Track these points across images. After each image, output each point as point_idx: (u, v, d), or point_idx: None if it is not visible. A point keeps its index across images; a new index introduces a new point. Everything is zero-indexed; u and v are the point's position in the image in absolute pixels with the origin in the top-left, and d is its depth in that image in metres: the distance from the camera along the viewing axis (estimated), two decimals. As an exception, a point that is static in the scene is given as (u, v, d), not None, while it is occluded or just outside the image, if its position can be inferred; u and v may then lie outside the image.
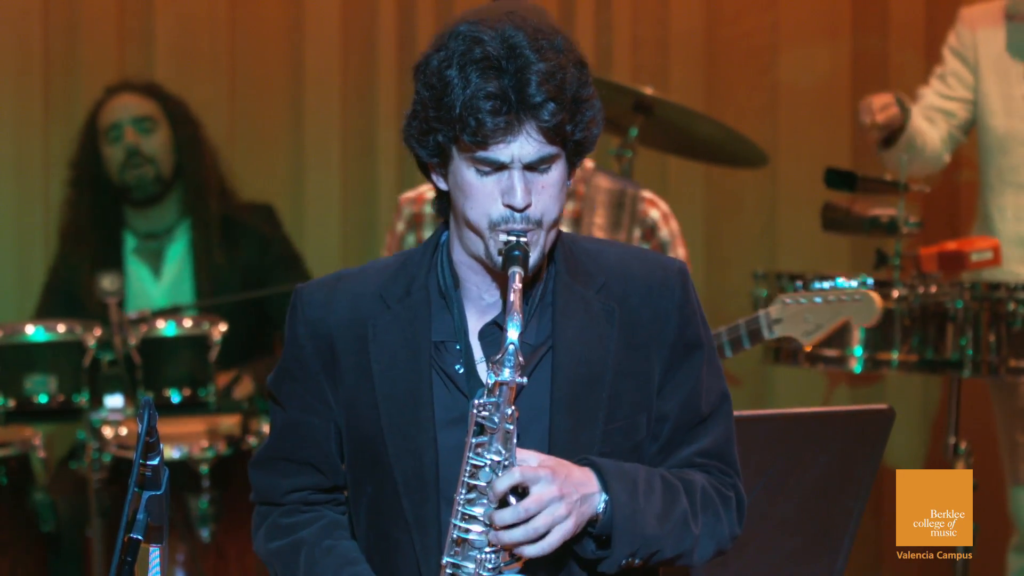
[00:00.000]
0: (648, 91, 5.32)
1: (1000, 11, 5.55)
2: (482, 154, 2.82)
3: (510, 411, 2.79)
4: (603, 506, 2.83)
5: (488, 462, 2.79)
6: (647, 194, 4.58)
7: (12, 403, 5.35)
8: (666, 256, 3.09)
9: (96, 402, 5.34)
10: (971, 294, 4.94)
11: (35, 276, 6.38)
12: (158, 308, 5.62)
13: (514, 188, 2.83)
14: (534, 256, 2.85)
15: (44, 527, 5.39)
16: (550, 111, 2.80)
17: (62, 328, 5.38)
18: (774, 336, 4.41)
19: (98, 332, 5.37)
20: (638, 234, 4.55)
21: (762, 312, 4.40)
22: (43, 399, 5.35)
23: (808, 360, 5.03)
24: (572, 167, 2.90)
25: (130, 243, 6.03)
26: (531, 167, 2.84)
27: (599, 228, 4.48)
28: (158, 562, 2.71)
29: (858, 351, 4.96)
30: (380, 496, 2.95)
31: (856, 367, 5.01)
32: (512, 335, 2.76)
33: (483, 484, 2.79)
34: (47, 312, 5.92)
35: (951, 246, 5.09)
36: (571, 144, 2.86)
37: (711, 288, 6.49)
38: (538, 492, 2.77)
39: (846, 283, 4.72)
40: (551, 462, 2.82)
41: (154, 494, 2.68)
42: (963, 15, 5.61)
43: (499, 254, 2.84)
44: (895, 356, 4.97)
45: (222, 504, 5.35)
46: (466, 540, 2.81)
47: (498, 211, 2.84)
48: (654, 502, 2.86)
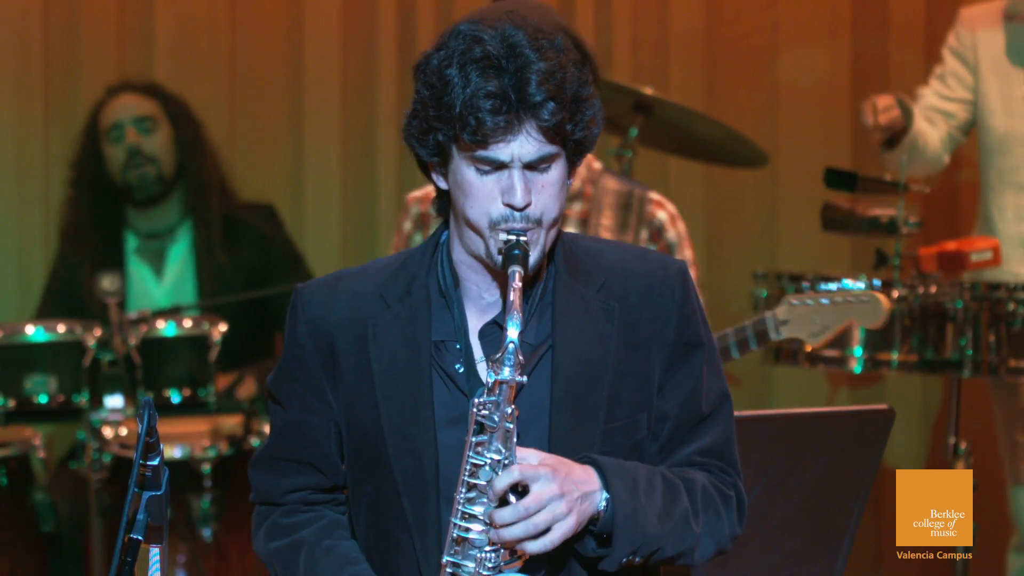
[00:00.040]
0: (648, 91, 5.32)
1: (1000, 11, 5.55)
2: (482, 153, 2.82)
3: (510, 410, 2.78)
4: (604, 504, 2.83)
5: (488, 461, 2.79)
6: (655, 195, 4.57)
7: (12, 403, 5.35)
8: (666, 255, 3.09)
9: (96, 402, 5.34)
10: (971, 294, 4.94)
11: (35, 276, 6.38)
12: (159, 308, 5.61)
13: (514, 187, 2.83)
14: (534, 255, 2.85)
15: (44, 527, 5.39)
16: (550, 110, 2.80)
17: (62, 328, 5.37)
18: (781, 337, 4.40)
19: (98, 332, 5.37)
20: (645, 235, 4.54)
21: (769, 314, 4.39)
22: (43, 399, 5.34)
23: (808, 360, 5.03)
24: (572, 166, 2.90)
25: (131, 243, 6.03)
26: (531, 166, 2.84)
27: (606, 229, 4.48)
28: (158, 562, 2.71)
29: (858, 351, 4.96)
30: (380, 496, 2.95)
31: (856, 367, 5.01)
32: (512, 334, 2.76)
33: (483, 483, 2.79)
34: (48, 312, 5.91)
35: (951, 246, 5.08)
36: (571, 143, 2.86)
37: (711, 288, 6.48)
38: (538, 490, 2.77)
39: (853, 284, 4.72)
40: (551, 460, 2.82)
41: (154, 494, 2.68)
42: (963, 15, 5.60)
43: (499, 253, 2.84)
44: (895, 356, 4.97)
45: (224, 504, 5.34)
46: (466, 539, 2.81)
47: (498, 210, 2.84)
48: (655, 500, 2.86)
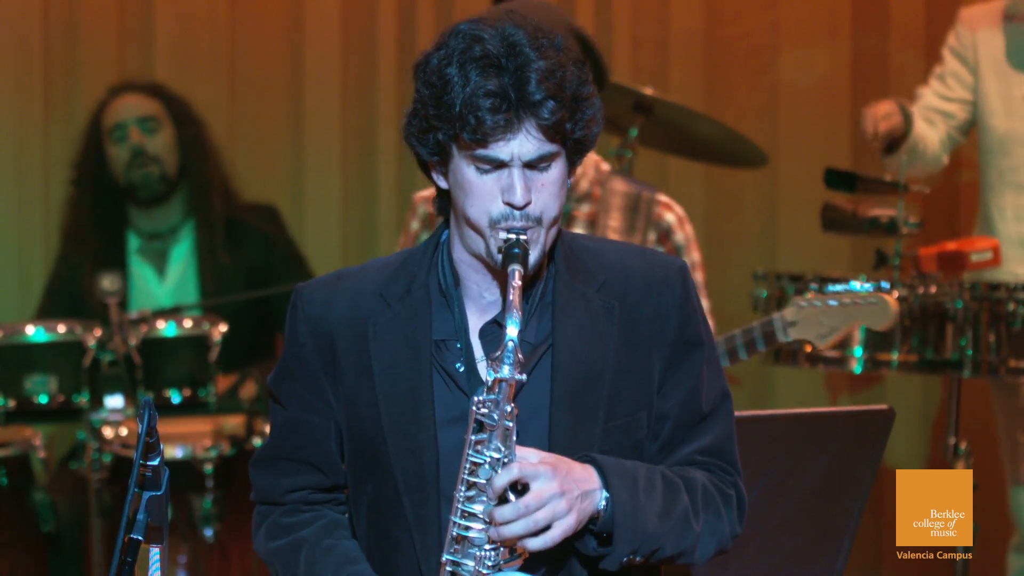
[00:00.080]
0: (648, 91, 5.31)
1: (1000, 12, 5.55)
2: (482, 152, 2.82)
3: (509, 408, 2.78)
4: (604, 503, 2.83)
5: (487, 459, 2.79)
6: (663, 198, 4.56)
7: (12, 403, 5.35)
8: (666, 254, 3.08)
9: (96, 402, 5.34)
10: (971, 294, 4.94)
11: (35, 276, 6.38)
12: (159, 308, 5.61)
13: (514, 186, 2.83)
14: (534, 254, 2.85)
15: (44, 527, 5.39)
16: (550, 109, 2.80)
17: (62, 328, 5.37)
18: (789, 339, 4.39)
19: (98, 332, 5.36)
20: (653, 237, 4.54)
21: (777, 315, 4.39)
22: (43, 399, 5.34)
23: (808, 360, 5.02)
24: (572, 165, 2.90)
25: (134, 243, 6.03)
26: (531, 165, 2.84)
27: (614, 231, 4.48)
28: (158, 562, 2.71)
29: (858, 351, 4.96)
30: (380, 495, 2.95)
31: (856, 367, 5.00)
32: (511, 332, 2.76)
33: (482, 481, 2.79)
34: (48, 312, 5.91)
35: (951, 246, 5.08)
36: (571, 142, 2.86)
37: (711, 288, 6.48)
38: (539, 487, 2.77)
39: (862, 286, 4.72)
40: (551, 459, 2.82)
41: (154, 494, 2.68)
42: (963, 15, 5.60)
43: (499, 252, 2.83)
44: (895, 356, 4.97)
45: (226, 504, 5.34)
46: (466, 538, 2.81)
47: (498, 209, 2.84)
48: (655, 499, 2.86)
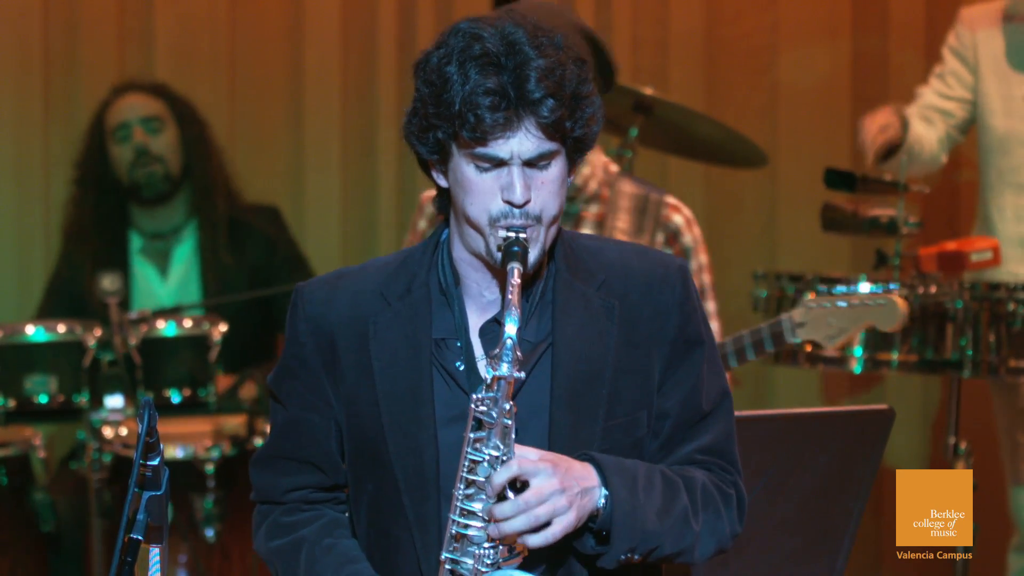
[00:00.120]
0: (648, 91, 5.31)
1: (1000, 12, 5.55)
2: (481, 150, 2.82)
3: (508, 406, 2.78)
4: (603, 501, 2.83)
5: (486, 457, 2.79)
6: (671, 200, 4.56)
7: (12, 403, 5.34)
8: (666, 253, 3.08)
9: (96, 402, 5.33)
10: (971, 294, 4.94)
11: (35, 276, 6.38)
12: (159, 308, 5.61)
13: (513, 184, 2.83)
14: (534, 252, 2.85)
15: (44, 527, 5.39)
16: (549, 107, 2.80)
17: (62, 328, 5.37)
18: (797, 340, 4.39)
19: (98, 332, 5.36)
20: (661, 239, 4.54)
21: (785, 316, 4.38)
22: (43, 399, 5.34)
23: (808, 360, 5.02)
24: (572, 164, 2.90)
25: (136, 243, 6.03)
26: (530, 163, 2.84)
27: (622, 232, 4.48)
28: (158, 562, 2.71)
29: (858, 351, 4.96)
30: (381, 494, 2.95)
31: (856, 367, 5.00)
32: (510, 330, 2.76)
33: (481, 479, 2.79)
34: (49, 311, 5.91)
35: (951, 246, 5.08)
36: (571, 141, 2.86)
37: (712, 289, 6.48)
38: (539, 484, 2.77)
39: (871, 287, 4.72)
40: (551, 456, 2.81)
41: (154, 494, 2.68)
42: (963, 15, 5.60)
43: (498, 250, 2.84)
44: (895, 356, 4.97)
45: (227, 504, 5.34)
46: (465, 536, 2.81)
47: (497, 207, 2.84)
48: (654, 498, 2.86)
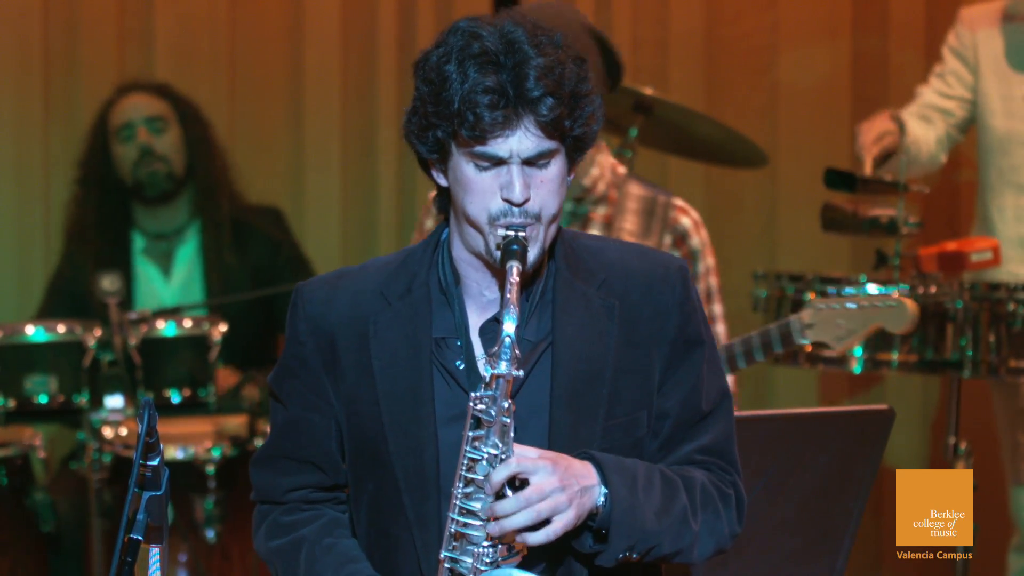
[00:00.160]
0: (648, 91, 5.31)
1: (1000, 12, 5.55)
2: (480, 149, 2.82)
3: (507, 404, 2.78)
4: (602, 500, 2.83)
5: (485, 455, 2.79)
6: (679, 202, 4.57)
7: (12, 403, 5.35)
8: (667, 253, 3.08)
9: (96, 402, 5.34)
10: (971, 294, 4.94)
11: (35, 276, 6.38)
12: (160, 308, 5.61)
13: (512, 183, 2.83)
14: (533, 251, 2.85)
15: (44, 527, 5.39)
16: (548, 106, 2.80)
17: (62, 328, 5.37)
18: (806, 341, 4.39)
19: (98, 332, 5.37)
20: (668, 241, 4.54)
21: (794, 317, 4.38)
22: (43, 399, 5.34)
23: (808, 360, 5.02)
24: (572, 162, 2.89)
25: (139, 243, 6.03)
26: (530, 162, 2.84)
27: (629, 234, 4.48)
28: (158, 562, 2.71)
29: (858, 351, 4.96)
30: (381, 493, 2.95)
31: (856, 367, 5.00)
32: (508, 328, 2.76)
33: (480, 478, 2.79)
34: (51, 311, 5.91)
35: (951, 246, 5.08)
36: (570, 139, 2.86)
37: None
38: (539, 481, 2.77)
39: (880, 288, 4.71)
40: (550, 455, 2.81)
41: (154, 494, 2.68)
42: (963, 15, 5.60)
43: (497, 248, 2.84)
44: (895, 356, 4.97)
45: (227, 505, 5.34)
46: (464, 535, 2.81)
47: (497, 206, 2.84)
48: (653, 497, 2.86)
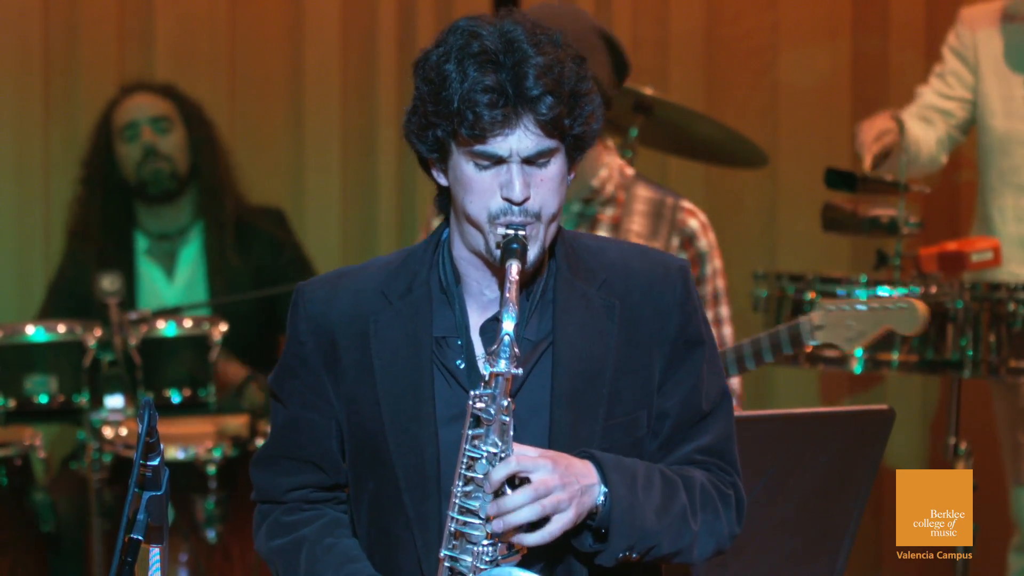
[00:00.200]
0: (648, 91, 5.31)
1: (1000, 12, 5.55)
2: (480, 148, 2.82)
3: (506, 403, 2.78)
4: (602, 499, 2.83)
5: (485, 454, 2.78)
6: (686, 204, 4.57)
7: (12, 403, 5.35)
8: (668, 254, 3.08)
9: (96, 402, 5.34)
10: (971, 295, 4.94)
11: (35, 276, 6.38)
12: (160, 308, 5.61)
13: (512, 182, 2.83)
14: (533, 250, 2.85)
15: (44, 527, 5.39)
16: (548, 104, 2.80)
17: (62, 328, 5.38)
18: (816, 343, 4.39)
19: (98, 332, 5.37)
20: (676, 243, 4.54)
21: (804, 318, 4.37)
22: (43, 399, 5.34)
23: (808, 360, 5.02)
24: (572, 161, 2.89)
25: (142, 244, 6.03)
26: (529, 161, 2.84)
27: (637, 235, 4.48)
28: (158, 562, 2.71)
29: (858, 351, 4.96)
30: (381, 493, 2.95)
31: (856, 367, 5.00)
32: (507, 326, 2.76)
33: (480, 476, 2.79)
34: (52, 310, 5.91)
35: (951, 246, 5.08)
36: (570, 138, 2.85)
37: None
38: (540, 478, 2.77)
39: (890, 290, 4.71)
40: (550, 454, 2.81)
41: (154, 494, 2.68)
42: (963, 15, 5.60)
43: (497, 247, 2.84)
44: (895, 356, 4.97)
45: (229, 505, 5.34)
46: (464, 533, 2.81)
47: (497, 205, 2.84)
48: (653, 496, 2.86)
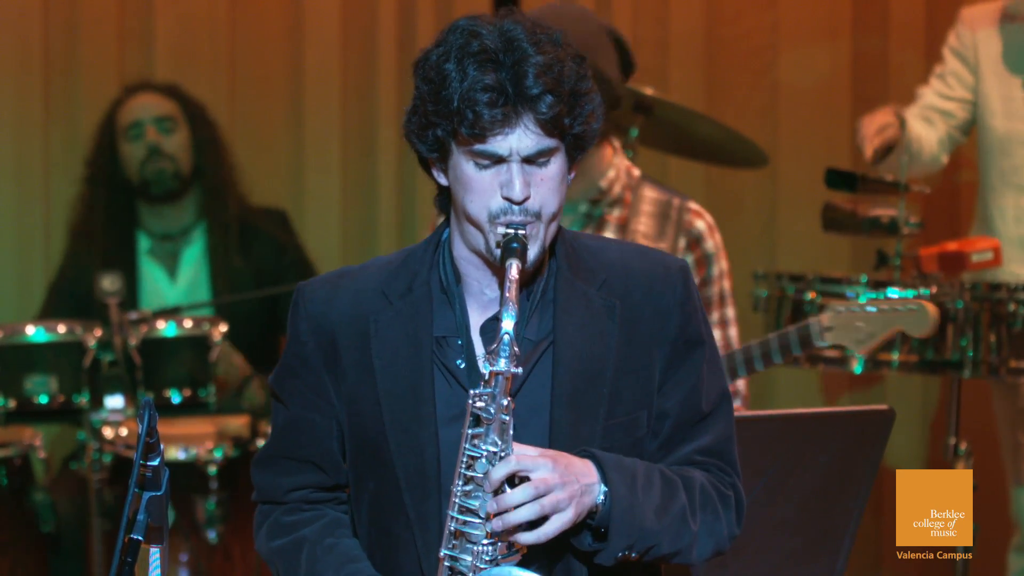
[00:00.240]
0: (648, 91, 5.31)
1: (1000, 12, 5.55)
2: (480, 147, 2.82)
3: (506, 402, 2.78)
4: (602, 498, 2.82)
5: (484, 453, 2.78)
6: (693, 205, 4.57)
7: (12, 403, 5.35)
8: (668, 254, 3.08)
9: (96, 402, 5.34)
10: (971, 295, 4.94)
11: (35, 276, 6.38)
12: (160, 308, 5.61)
13: (512, 181, 2.82)
14: (533, 249, 2.85)
15: (44, 527, 5.39)
16: (547, 103, 2.80)
17: (62, 328, 5.38)
18: (825, 344, 4.38)
19: (98, 332, 5.37)
20: (683, 244, 4.54)
21: (814, 319, 4.37)
22: (43, 399, 5.35)
23: (808, 360, 5.02)
24: (572, 161, 2.89)
25: (144, 244, 6.03)
26: (530, 160, 2.83)
27: (643, 236, 4.48)
28: (158, 563, 2.71)
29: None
30: (382, 492, 2.95)
31: (856, 367, 5.00)
32: (507, 325, 2.76)
33: (480, 475, 2.78)
34: (53, 310, 5.92)
35: (951, 247, 5.08)
36: (570, 137, 2.85)
37: (716, 288, 6.48)
38: (540, 476, 2.77)
39: (900, 292, 4.71)
40: (550, 453, 2.81)
41: (154, 495, 2.68)
42: (963, 15, 5.60)
43: (497, 247, 2.84)
44: (895, 356, 4.97)
45: (230, 506, 5.34)
46: (463, 533, 2.81)
47: (497, 204, 2.84)
48: (652, 496, 2.86)
